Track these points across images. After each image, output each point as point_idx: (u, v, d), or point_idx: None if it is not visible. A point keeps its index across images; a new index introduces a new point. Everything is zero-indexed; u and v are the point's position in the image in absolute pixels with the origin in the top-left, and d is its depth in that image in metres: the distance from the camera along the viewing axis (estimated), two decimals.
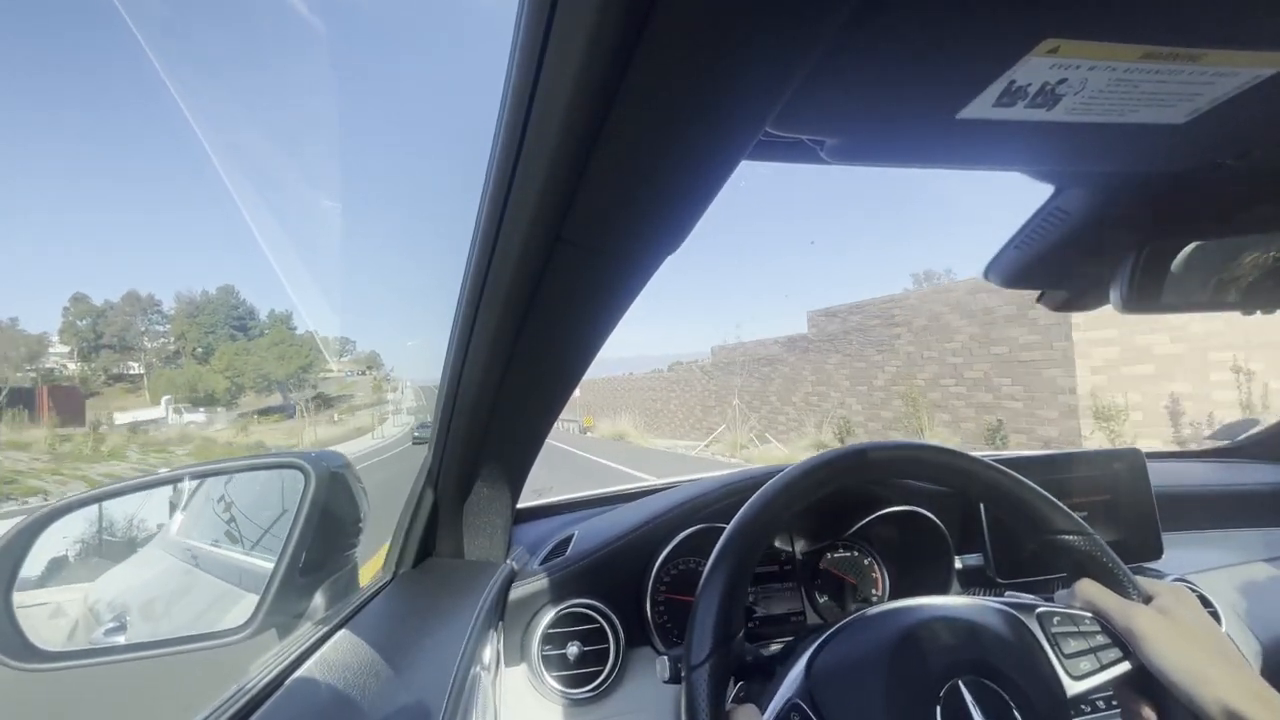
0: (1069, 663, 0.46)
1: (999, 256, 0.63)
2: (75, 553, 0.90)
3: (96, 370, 54.78)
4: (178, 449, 32.29)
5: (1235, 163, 0.44)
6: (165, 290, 77.12)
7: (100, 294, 64.98)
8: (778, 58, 0.27)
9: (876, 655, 0.45)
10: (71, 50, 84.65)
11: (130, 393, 54.23)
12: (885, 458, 0.52)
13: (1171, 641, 0.43)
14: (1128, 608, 0.46)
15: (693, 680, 0.43)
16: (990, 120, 0.36)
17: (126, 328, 57.50)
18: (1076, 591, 0.49)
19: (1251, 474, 1.11)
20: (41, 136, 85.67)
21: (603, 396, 26.77)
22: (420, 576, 0.77)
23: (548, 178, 0.34)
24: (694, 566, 0.81)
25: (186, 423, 48.03)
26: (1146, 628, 0.44)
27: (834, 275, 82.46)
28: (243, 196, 79.05)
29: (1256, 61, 0.32)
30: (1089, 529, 0.50)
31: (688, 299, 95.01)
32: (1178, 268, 0.52)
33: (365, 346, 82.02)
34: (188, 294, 62.26)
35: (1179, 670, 0.42)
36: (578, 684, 0.74)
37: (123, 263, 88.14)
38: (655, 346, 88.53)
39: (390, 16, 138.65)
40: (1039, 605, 0.49)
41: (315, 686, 0.48)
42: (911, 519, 0.83)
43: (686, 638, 0.45)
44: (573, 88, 0.27)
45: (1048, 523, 0.50)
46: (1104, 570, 0.49)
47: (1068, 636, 0.47)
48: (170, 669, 0.72)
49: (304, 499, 0.75)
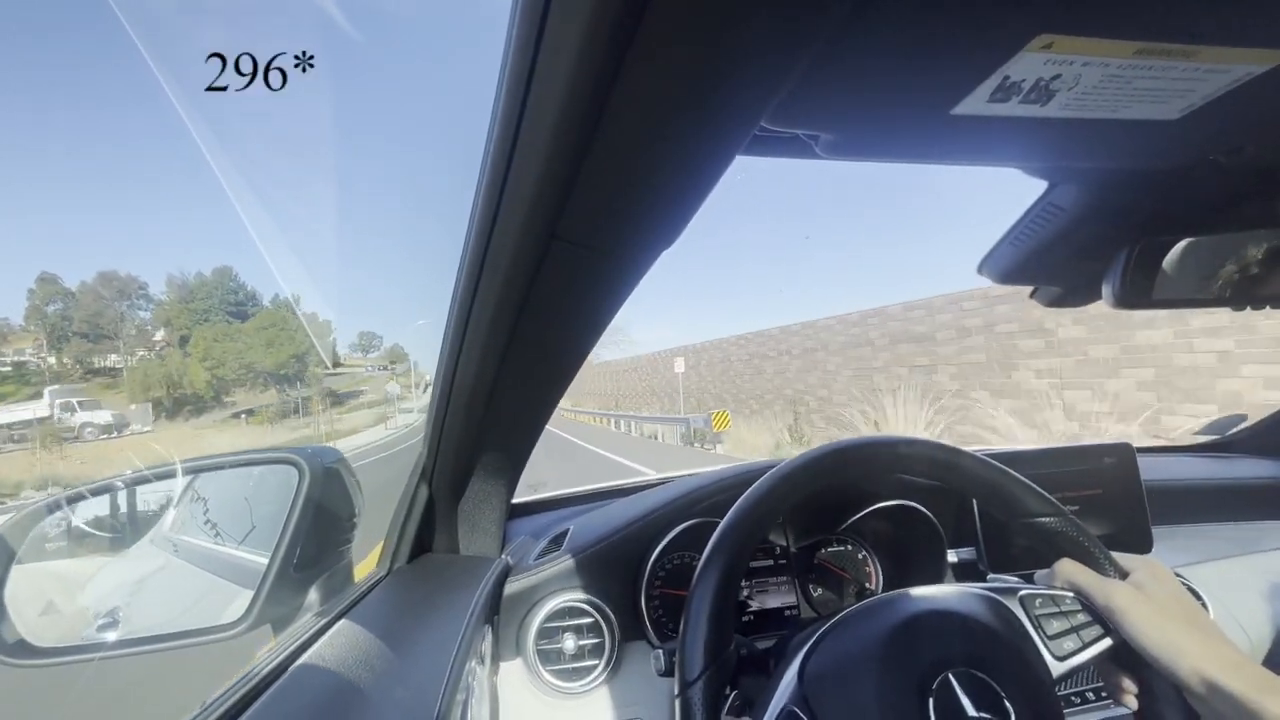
0: (1053, 643, 0.47)
1: (993, 252, 0.63)
2: (67, 549, 0.89)
3: (70, 364, 46.53)
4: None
5: (1228, 159, 0.45)
6: (154, 274, 71.48)
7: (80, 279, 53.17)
8: (773, 53, 0.26)
9: (867, 655, 0.45)
10: (70, 54, 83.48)
11: (110, 389, 45.40)
12: (868, 454, 0.52)
13: (1148, 615, 0.44)
14: (1105, 584, 0.47)
15: (687, 698, 0.44)
16: (984, 116, 0.36)
17: (99, 313, 48.37)
18: (1056, 571, 0.50)
19: (1241, 468, 1.12)
20: (31, 126, 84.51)
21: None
22: (415, 571, 0.77)
23: (542, 174, 0.33)
24: (689, 561, 0.82)
25: (81, 426, 33.20)
26: (1124, 603, 0.45)
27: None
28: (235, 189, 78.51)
29: (1249, 58, 0.32)
30: (1064, 510, 0.51)
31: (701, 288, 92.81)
32: (1171, 263, 0.52)
33: (390, 340, 76.87)
34: (180, 277, 53.64)
35: (1156, 643, 0.43)
36: (573, 678, 0.74)
37: (108, 249, 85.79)
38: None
39: (385, 12, 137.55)
40: (1021, 588, 0.50)
41: (310, 681, 0.48)
42: (905, 513, 0.83)
43: (679, 654, 0.46)
44: (568, 83, 0.27)
45: (1023, 506, 0.51)
46: (1081, 549, 0.50)
47: (1050, 617, 0.48)
48: (165, 665, 0.72)
49: (298, 494, 0.75)
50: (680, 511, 0.81)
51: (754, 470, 0.85)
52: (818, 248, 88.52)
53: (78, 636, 0.88)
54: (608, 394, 26.65)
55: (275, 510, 0.79)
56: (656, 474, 1.15)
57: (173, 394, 44.28)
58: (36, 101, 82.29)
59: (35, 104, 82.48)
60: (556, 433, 16.18)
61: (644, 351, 24.78)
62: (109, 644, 0.75)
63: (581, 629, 0.76)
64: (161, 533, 1.13)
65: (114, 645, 0.73)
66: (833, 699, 0.44)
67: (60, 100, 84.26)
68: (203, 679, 0.56)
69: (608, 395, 26.51)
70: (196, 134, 54.44)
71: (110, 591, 1.06)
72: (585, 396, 30.51)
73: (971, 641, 0.45)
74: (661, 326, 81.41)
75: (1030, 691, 0.43)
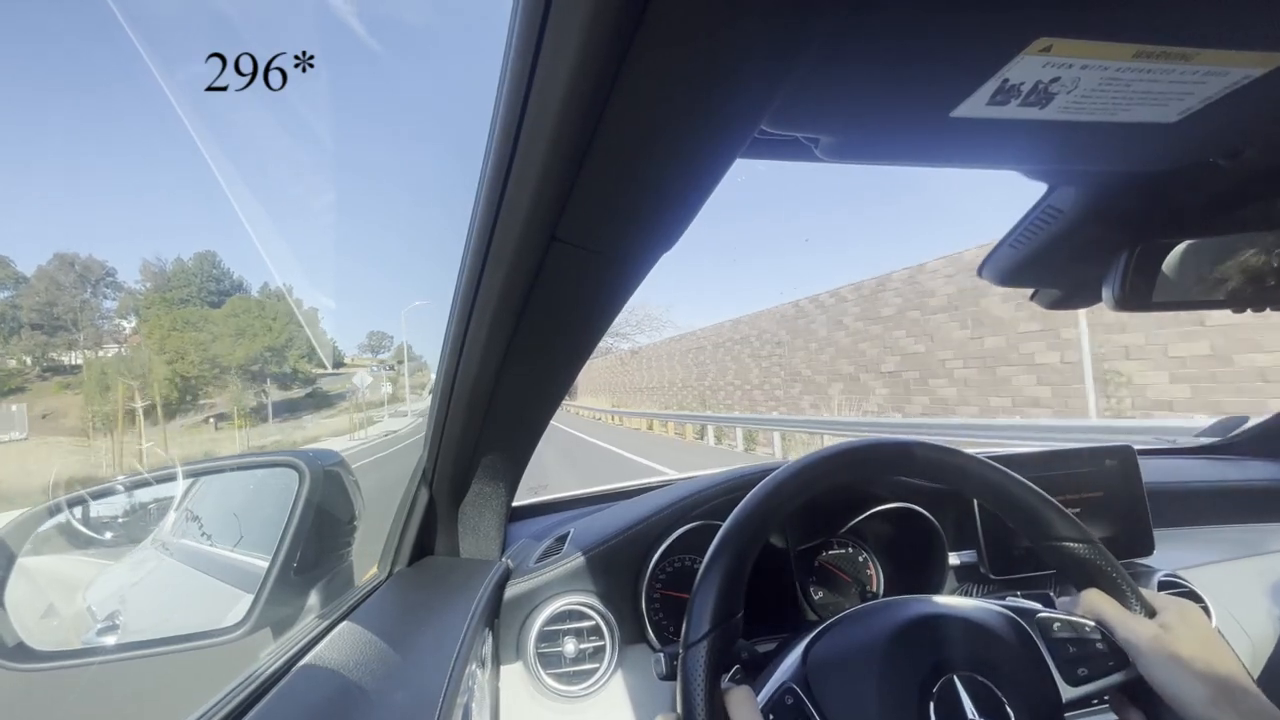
0: (1065, 667, 0.46)
1: (993, 255, 0.63)
2: (68, 553, 0.89)
3: (22, 360, 38.67)
4: None
5: (1226, 162, 0.45)
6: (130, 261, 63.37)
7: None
8: (773, 56, 0.27)
9: (873, 647, 0.45)
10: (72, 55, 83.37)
11: (67, 389, 37.93)
12: (880, 455, 0.52)
13: (1169, 657, 0.44)
14: (1130, 620, 0.46)
15: (688, 659, 0.43)
16: (984, 119, 0.36)
17: (53, 301, 40.86)
18: (1082, 600, 0.49)
19: (1243, 470, 1.12)
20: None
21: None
22: (416, 574, 0.77)
23: (542, 176, 0.33)
24: (689, 564, 0.81)
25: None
26: (1146, 641, 0.45)
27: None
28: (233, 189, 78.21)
29: (1247, 61, 0.33)
30: (1093, 536, 0.50)
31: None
32: (1170, 266, 0.52)
33: (398, 340, 73.32)
34: (157, 263, 46.42)
35: (1172, 686, 0.43)
36: (574, 681, 0.74)
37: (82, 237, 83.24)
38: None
39: (385, 13, 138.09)
40: (1040, 610, 0.49)
41: (311, 684, 0.48)
42: (906, 516, 0.83)
43: (685, 617, 0.45)
44: (568, 85, 0.27)
45: (1051, 528, 0.50)
46: (1108, 580, 0.49)
47: (1066, 643, 0.47)
48: (165, 669, 0.72)
49: (298, 498, 0.75)
50: (681, 514, 0.81)
51: (755, 473, 0.85)
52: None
53: (78, 640, 0.88)
54: (677, 385, 17.57)
55: (275, 513, 0.79)
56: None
57: (129, 398, 36.15)
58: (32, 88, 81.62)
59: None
60: (610, 449, 11.13)
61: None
62: (109, 648, 0.75)
63: (582, 632, 0.76)
64: (162, 536, 1.12)
65: (114, 649, 0.73)
66: (834, 685, 0.44)
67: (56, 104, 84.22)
68: (203, 683, 0.56)
69: (678, 387, 17.52)
70: (195, 133, 53.24)
71: (110, 595, 1.06)
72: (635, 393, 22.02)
73: (979, 648, 0.45)
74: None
75: (1034, 704, 0.43)
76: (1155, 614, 0.48)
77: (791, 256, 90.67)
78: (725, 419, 11.44)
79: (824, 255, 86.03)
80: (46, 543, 0.78)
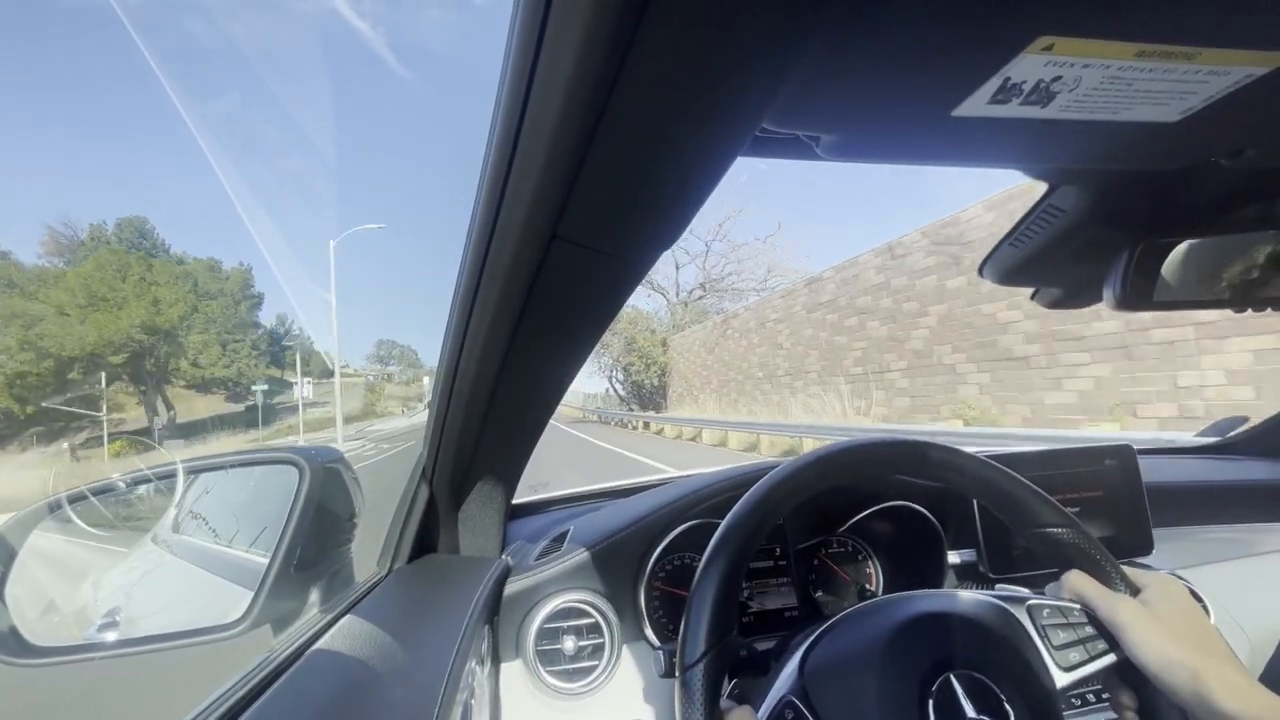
0: (1058, 654, 0.46)
1: (994, 254, 0.63)
2: (67, 549, 0.89)
3: None
4: None
5: (1228, 161, 0.45)
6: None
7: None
8: (775, 54, 0.27)
9: (869, 651, 0.45)
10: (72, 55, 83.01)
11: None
12: (876, 455, 0.52)
13: (1151, 633, 0.44)
14: (1111, 599, 0.47)
15: (687, 680, 0.43)
16: (985, 118, 0.36)
17: None
18: (1064, 583, 0.50)
19: (1242, 470, 1.12)
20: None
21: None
22: (415, 572, 0.77)
23: (543, 175, 0.33)
24: (689, 562, 0.82)
25: None
26: (1128, 619, 0.45)
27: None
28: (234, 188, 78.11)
29: (1250, 60, 0.33)
30: (1077, 522, 0.50)
31: None
32: (1171, 265, 0.52)
33: (405, 342, 68.81)
34: (67, 231, 32.87)
35: (1157, 662, 0.43)
36: (573, 678, 0.74)
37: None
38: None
39: (385, 11, 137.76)
40: (1029, 598, 0.50)
41: (310, 680, 0.48)
42: (906, 514, 0.83)
43: (680, 636, 0.45)
44: (568, 83, 0.27)
45: (1036, 516, 0.51)
46: (1091, 562, 0.50)
47: (1057, 628, 0.47)
48: (164, 665, 0.72)
49: (298, 494, 0.75)
50: (681, 512, 0.81)
51: (755, 470, 0.85)
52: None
53: (78, 636, 0.88)
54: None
55: (275, 510, 0.79)
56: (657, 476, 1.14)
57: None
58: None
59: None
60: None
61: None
62: (109, 644, 0.75)
63: (582, 629, 0.76)
64: (162, 532, 1.13)
65: (114, 645, 0.73)
66: (832, 693, 0.44)
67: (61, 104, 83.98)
68: (203, 680, 0.56)
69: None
70: (195, 132, 52.54)
71: (111, 591, 1.06)
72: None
73: (975, 644, 0.45)
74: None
75: (1031, 697, 0.43)
76: (1139, 592, 0.48)
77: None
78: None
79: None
80: (47, 539, 0.78)
